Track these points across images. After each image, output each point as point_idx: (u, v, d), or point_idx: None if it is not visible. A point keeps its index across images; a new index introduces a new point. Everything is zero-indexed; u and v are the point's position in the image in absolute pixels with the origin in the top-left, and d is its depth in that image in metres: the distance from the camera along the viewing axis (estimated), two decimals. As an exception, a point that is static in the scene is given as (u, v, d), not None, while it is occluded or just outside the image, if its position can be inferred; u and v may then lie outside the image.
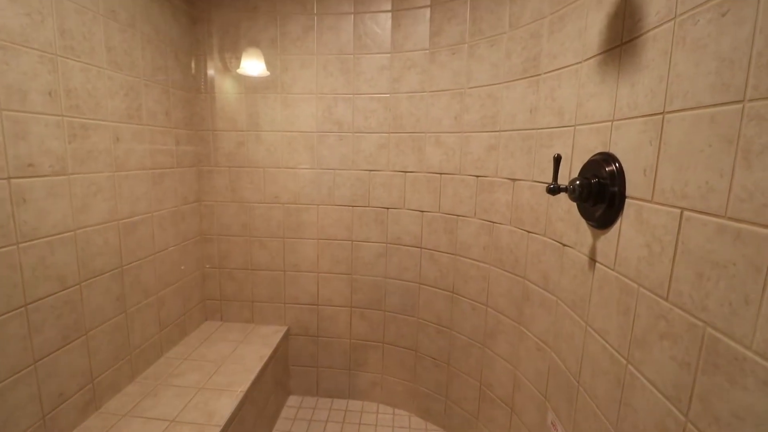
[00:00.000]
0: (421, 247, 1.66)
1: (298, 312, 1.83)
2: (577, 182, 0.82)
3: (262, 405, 1.52)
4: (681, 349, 0.61)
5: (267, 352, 1.60)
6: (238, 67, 1.64)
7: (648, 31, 0.71)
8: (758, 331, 0.48)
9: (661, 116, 0.67)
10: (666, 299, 0.64)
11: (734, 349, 0.51)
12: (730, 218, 0.52)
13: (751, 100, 0.50)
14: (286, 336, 1.81)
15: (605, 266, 0.83)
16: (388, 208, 1.69)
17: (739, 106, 0.52)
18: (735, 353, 0.51)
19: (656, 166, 0.67)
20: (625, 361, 0.75)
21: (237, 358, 1.53)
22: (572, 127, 0.99)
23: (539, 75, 1.14)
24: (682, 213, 0.61)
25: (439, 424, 1.70)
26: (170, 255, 1.56)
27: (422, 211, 1.63)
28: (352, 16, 1.57)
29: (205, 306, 1.84)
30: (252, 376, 1.41)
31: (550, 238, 1.10)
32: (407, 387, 1.79)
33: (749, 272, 0.49)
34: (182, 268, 1.64)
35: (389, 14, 1.53)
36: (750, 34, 0.50)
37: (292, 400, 1.86)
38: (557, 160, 0.85)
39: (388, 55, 1.57)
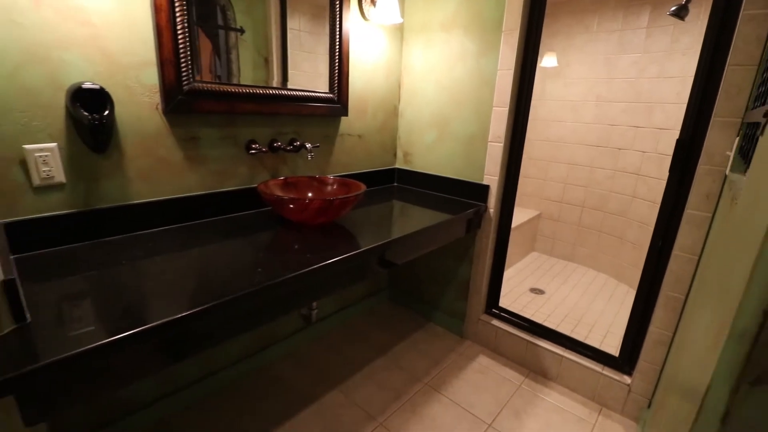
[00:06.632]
0: (638, 174, 2.68)
1: (548, 204, 3.21)
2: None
3: (519, 240, 3.05)
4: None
5: (528, 216, 3.08)
6: (540, 63, 3.01)
7: None
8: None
9: None
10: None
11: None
12: None
13: None
14: (538, 216, 3.24)
15: None
16: (620, 149, 2.77)
17: None
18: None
19: None
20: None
21: (514, 215, 3.08)
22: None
23: (728, 72, 2.00)
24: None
25: (626, 282, 2.78)
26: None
27: (643, 152, 2.63)
28: (619, 32, 2.63)
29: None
30: (524, 218, 2.93)
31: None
32: (610, 260, 2.91)
33: None
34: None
35: (644, 30, 2.52)
36: None
37: (533, 255, 3.31)
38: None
39: (639, 54, 2.57)
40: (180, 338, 0.86)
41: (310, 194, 1.56)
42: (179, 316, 0.80)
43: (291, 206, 1.30)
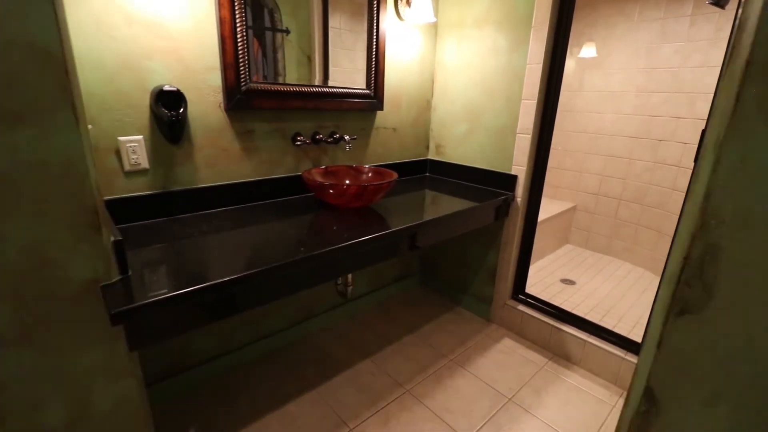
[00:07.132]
0: (678, 166, 2.62)
1: (584, 197, 3.19)
2: None
3: (552, 231, 3.07)
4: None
5: (562, 207, 3.09)
6: (579, 53, 2.99)
7: None
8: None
9: None
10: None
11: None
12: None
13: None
14: (573, 208, 3.23)
15: None
16: (660, 140, 2.71)
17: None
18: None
19: None
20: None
21: (546, 206, 3.10)
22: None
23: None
24: None
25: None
26: (524, 153, 3.22)
27: (685, 143, 2.57)
28: (661, 21, 2.57)
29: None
30: (557, 210, 2.95)
31: None
32: (648, 254, 2.87)
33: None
34: (527, 162, 3.29)
35: (688, 17, 2.45)
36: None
37: (567, 247, 3.31)
38: None
39: (683, 43, 2.50)
40: (240, 293, 1.05)
41: (347, 181, 1.73)
42: (240, 275, 0.99)
43: (331, 191, 1.47)
